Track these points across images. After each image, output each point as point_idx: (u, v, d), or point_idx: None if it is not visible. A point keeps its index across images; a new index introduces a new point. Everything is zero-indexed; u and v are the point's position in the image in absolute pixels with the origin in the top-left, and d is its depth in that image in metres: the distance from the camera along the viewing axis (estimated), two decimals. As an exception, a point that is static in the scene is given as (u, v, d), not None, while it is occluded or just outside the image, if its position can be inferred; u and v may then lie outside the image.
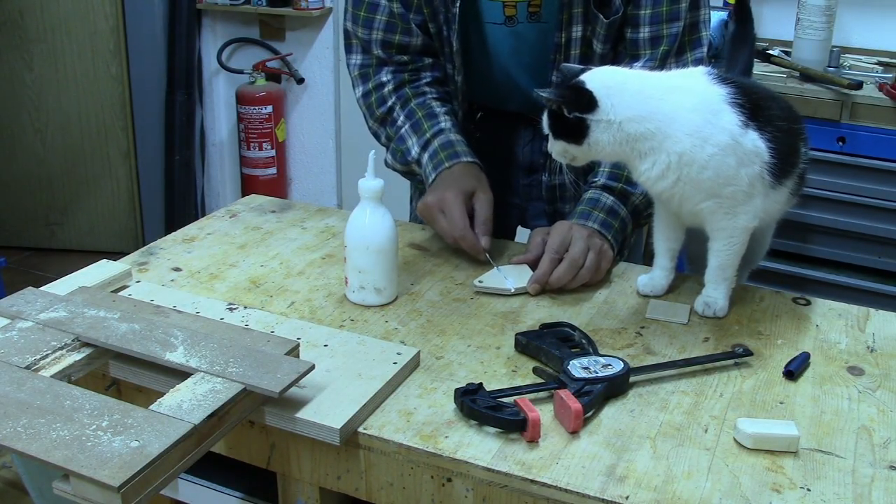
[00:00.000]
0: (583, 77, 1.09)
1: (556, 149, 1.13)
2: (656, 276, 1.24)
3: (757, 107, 1.10)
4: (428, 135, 1.39)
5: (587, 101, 1.07)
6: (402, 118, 1.43)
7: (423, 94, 1.45)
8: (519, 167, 1.55)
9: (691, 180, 1.09)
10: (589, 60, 1.37)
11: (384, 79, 1.45)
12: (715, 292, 1.18)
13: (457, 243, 1.30)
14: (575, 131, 1.09)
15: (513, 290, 1.22)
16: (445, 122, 1.41)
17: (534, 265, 1.25)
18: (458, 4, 1.35)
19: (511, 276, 1.24)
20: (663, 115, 1.07)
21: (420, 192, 1.51)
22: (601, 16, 1.34)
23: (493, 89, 1.48)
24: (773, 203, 1.16)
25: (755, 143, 1.09)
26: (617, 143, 1.09)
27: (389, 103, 1.44)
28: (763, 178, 1.11)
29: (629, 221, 1.33)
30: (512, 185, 1.56)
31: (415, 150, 1.40)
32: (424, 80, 1.46)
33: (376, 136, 1.49)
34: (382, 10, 1.41)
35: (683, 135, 1.07)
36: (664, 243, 1.23)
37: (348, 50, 1.48)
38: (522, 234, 1.60)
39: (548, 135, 1.13)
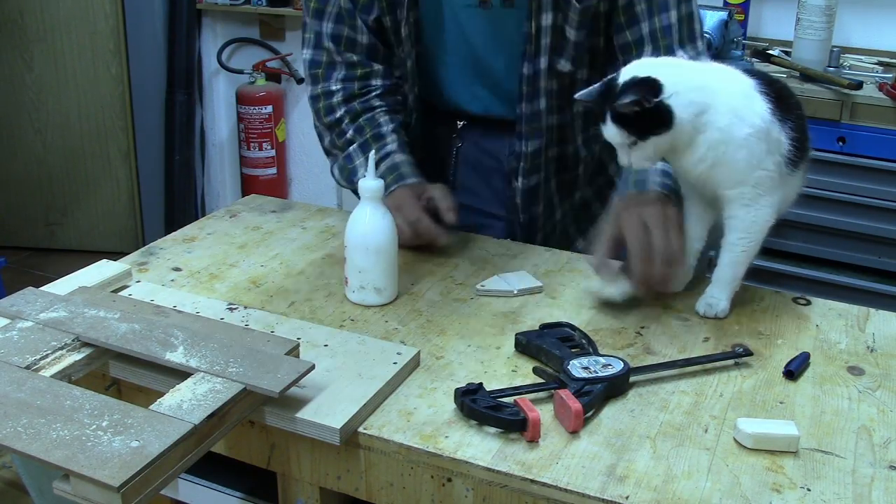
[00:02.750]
0: (626, 75, 1.10)
1: (647, 151, 1.10)
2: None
3: (779, 98, 1.12)
4: (375, 158, 1.34)
5: (654, 84, 1.07)
6: (350, 132, 1.42)
7: (373, 109, 1.43)
8: (504, 177, 1.49)
9: (727, 161, 1.10)
10: (562, 49, 1.34)
11: (333, 87, 1.44)
12: (720, 293, 1.18)
13: (415, 237, 1.29)
14: (661, 119, 1.08)
15: (516, 292, 1.22)
16: (392, 144, 1.39)
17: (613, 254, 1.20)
18: None
19: (511, 280, 1.24)
20: (710, 88, 1.10)
21: None
22: (573, 1, 1.31)
23: (466, 83, 1.44)
24: (782, 196, 1.18)
25: (779, 132, 1.12)
26: (692, 116, 1.08)
27: (338, 115, 1.43)
28: (781, 169, 1.13)
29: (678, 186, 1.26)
30: (497, 196, 1.50)
31: (361, 172, 1.38)
32: (374, 93, 1.44)
33: (320, 136, 1.49)
34: (333, 3, 1.40)
35: (726, 109, 1.09)
36: (690, 242, 1.22)
37: (303, 43, 1.46)
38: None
39: (625, 146, 1.11)
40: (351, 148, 1.42)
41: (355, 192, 1.41)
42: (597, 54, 1.39)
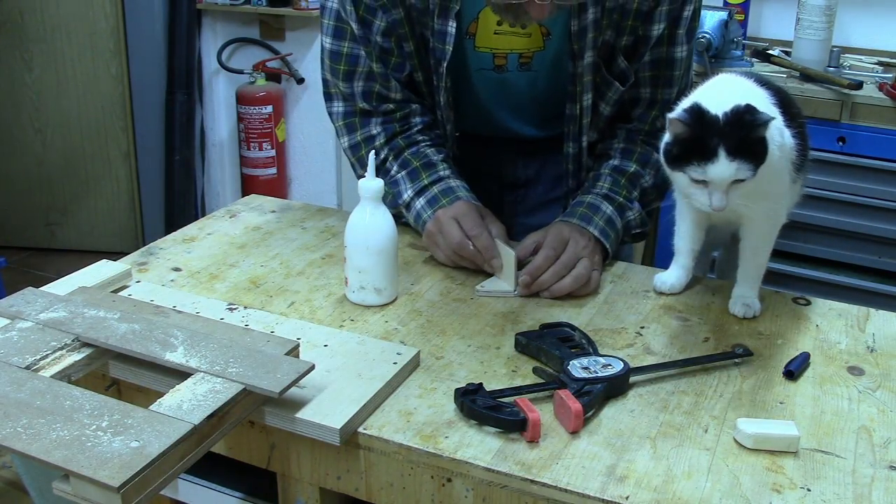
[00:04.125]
0: (714, 103, 1.03)
1: (747, 187, 1.03)
2: (676, 274, 1.24)
3: (783, 105, 1.12)
4: (426, 181, 1.34)
5: (759, 112, 1.01)
6: (395, 168, 1.37)
7: (417, 144, 1.39)
8: (504, 184, 1.52)
9: (760, 182, 1.09)
10: (594, 125, 1.37)
11: (374, 131, 1.39)
12: (751, 292, 1.19)
13: (459, 254, 1.26)
14: (763, 150, 1.03)
15: (515, 293, 1.22)
16: (444, 171, 1.35)
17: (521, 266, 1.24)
18: (444, 65, 1.31)
19: (510, 280, 1.24)
20: None
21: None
22: (617, 83, 1.33)
23: (478, 124, 1.46)
24: (791, 197, 1.19)
25: (790, 140, 1.12)
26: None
27: (382, 156, 1.38)
28: (791, 175, 1.14)
29: (620, 236, 1.33)
30: (496, 203, 1.50)
31: (407, 194, 1.34)
32: (416, 128, 1.40)
33: None
34: (364, 63, 1.34)
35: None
36: (688, 244, 1.23)
37: (328, 98, 1.42)
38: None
39: (726, 185, 1.03)
40: (398, 176, 1.36)
41: (398, 216, 1.37)
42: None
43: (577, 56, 1.29)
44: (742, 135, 1.01)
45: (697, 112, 1.03)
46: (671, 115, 1.05)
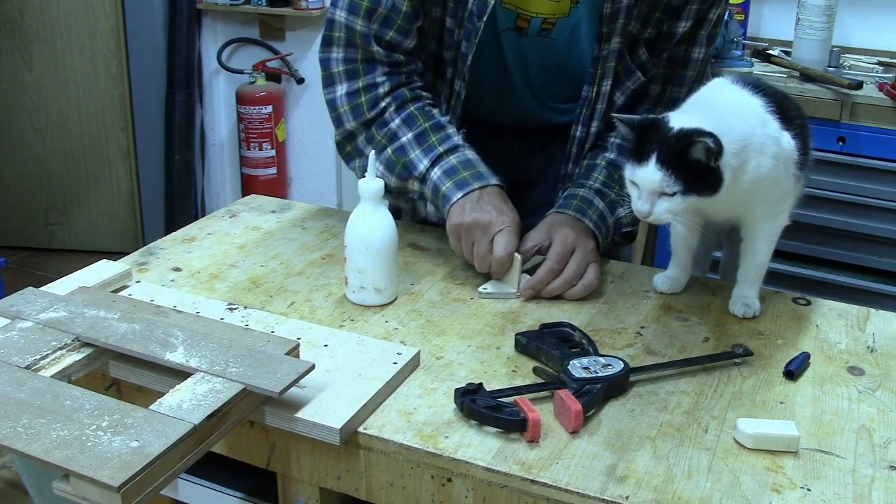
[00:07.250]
0: (679, 121, 1.04)
1: (678, 207, 1.05)
2: (675, 274, 1.25)
3: (781, 110, 1.12)
4: (440, 149, 1.29)
5: (719, 145, 1.02)
6: (396, 121, 1.32)
7: (421, 99, 1.35)
8: (508, 182, 1.51)
9: (752, 193, 1.10)
10: (605, 114, 1.36)
11: (378, 79, 1.32)
12: (751, 292, 1.19)
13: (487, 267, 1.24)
14: (711, 182, 1.04)
15: (517, 295, 1.22)
16: (457, 138, 1.31)
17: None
18: (484, 19, 1.28)
19: (511, 281, 1.24)
20: (745, 136, 1.06)
21: (410, 209, 1.45)
22: (639, 72, 1.33)
23: (490, 98, 1.44)
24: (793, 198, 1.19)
25: (789, 143, 1.12)
26: (731, 179, 1.05)
27: (382, 105, 1.32)
28: (792, 176, 1.14)
29: (611, 233, 1.33)
30: None
31: (422, 164, 1.29)
32: (418, 84, 1.37)
33: (351, 136, 1.35)
34: (385, 4, 1.29)
35: (755, 152, 1.07)
36: (685, 243, 1.23)
37: (328, 43, 1.33)
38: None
39: (655, 194, 1.05)
40: (404, 139, 1.31)
41: (397, 191, 1.35)
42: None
43: (603, 39, 1.29)
44: (680, 150, 1.02)
45: (649, 119, 1.07)
46: (618, 115, 1.09)
